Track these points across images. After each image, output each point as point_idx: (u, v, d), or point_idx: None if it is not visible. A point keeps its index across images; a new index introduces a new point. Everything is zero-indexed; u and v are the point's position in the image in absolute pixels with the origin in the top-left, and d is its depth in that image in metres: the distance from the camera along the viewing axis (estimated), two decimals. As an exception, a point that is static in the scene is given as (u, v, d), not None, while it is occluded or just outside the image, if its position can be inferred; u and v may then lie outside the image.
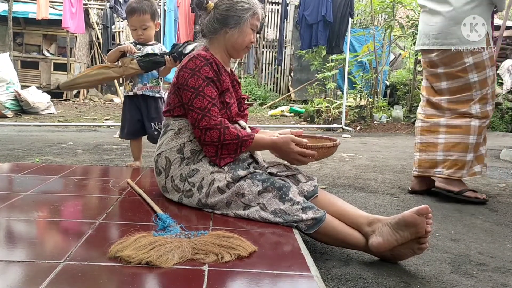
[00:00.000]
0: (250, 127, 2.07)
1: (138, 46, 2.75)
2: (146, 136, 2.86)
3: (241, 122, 1.95)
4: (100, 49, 11.35)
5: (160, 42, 2.96)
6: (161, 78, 2.83)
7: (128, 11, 2.69)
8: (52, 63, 10.68)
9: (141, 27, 2.69)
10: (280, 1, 9.33)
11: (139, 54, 2.69)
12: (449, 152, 2.73)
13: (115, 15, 8.33)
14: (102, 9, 9.89)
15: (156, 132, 2.77)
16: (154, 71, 2.75)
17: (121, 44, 2.74)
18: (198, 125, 1.77)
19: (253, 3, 1.89)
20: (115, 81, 11.00)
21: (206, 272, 1.22)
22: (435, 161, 2.77)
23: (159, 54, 2.69)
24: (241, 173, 1.75)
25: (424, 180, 2.89)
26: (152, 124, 2.77)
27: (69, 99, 10.48)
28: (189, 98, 1.79)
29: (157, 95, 2.79)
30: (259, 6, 1.92)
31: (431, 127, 2.81)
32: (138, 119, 2.80)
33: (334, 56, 8.57)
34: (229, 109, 1.87)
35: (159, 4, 7.25)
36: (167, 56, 2.66)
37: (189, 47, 2.61)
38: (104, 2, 8.53)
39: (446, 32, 2.69)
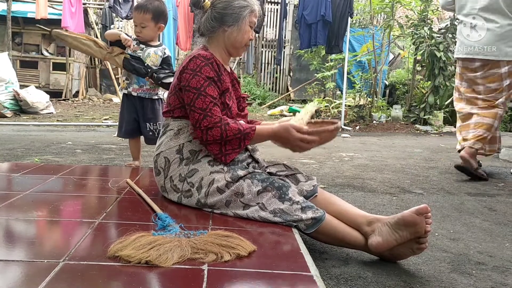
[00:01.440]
0: (251, 121, 2.06)
1: (142, 46, 2.72)
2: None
3: (241, 122, 1.94)
4: (99, 49, 11.31)
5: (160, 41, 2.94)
6: None
7: (135, 6, 2.73)
8: (51, 63, 10.66)
9: (140, 24, 2.67)
10: (279, 1, 9.32)
11: (131, 54, 2.68)
12: (477, 130, 3.40)
13: (114, 14, 8.32)
14: (101, 9, 9.87)
15: (151, 133, 2.75)
16: None
17: (129, 35, 2.72)
18: (199, 125, 1.75)
19: (251, 0, 1.88)
20: (114, 81, 11.01)
21: (205, 272, 1.22)
22: (467, 137, 3.45)
23: (146, 65, 2.66)
24: (241, 173, 1.75)
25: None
26: (148, 124, 2.75)
27: (68, 99, 10.47)
28: (191, 99, 1.78)
29: (155, 97, 2.77)
30: (256, 3, 1.91)
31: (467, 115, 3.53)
32: (135, 118, 2.78)
33: (333, 56, 8.57)
34: (229, 110, 1.86)
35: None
36: (149, 75, 2.65)
37: (170, 80, 2.60)
38: (103, 1, 8.51)
39: (492, 45, 3.33)
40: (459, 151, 3.48)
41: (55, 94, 10.26)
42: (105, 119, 7.28)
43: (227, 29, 1.87)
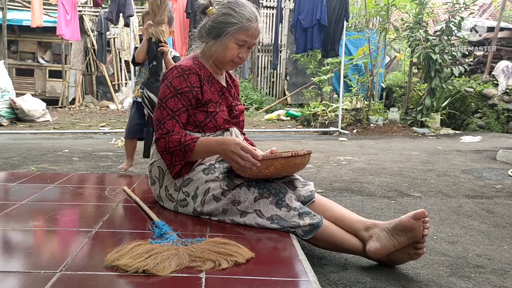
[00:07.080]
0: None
1: None
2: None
3: (234, 129, 1.92)
4: (95, 56, 11.34)
5: None
6: None
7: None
8: (47, 70, 10.67)
9: None
10: (275, 5, 9.35)
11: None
12: None
13: (109, 22, 8.29)
14: (96, 16, 9.88)
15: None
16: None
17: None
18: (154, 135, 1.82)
19: (243, 18, 1.77)
20: (111, 87, 11.00)
21: (203, 280, 1.21)
22: None
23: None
24: (236, 181, 1.74)
25: None
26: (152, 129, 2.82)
27: (65, 106, 10.46)
28: (156, 108, 1.83)
29: None
30: (253, 20, 1.79)
31: None
32: (138, 123, 2.91)
33: (329, 60, 8.59)
34: (214, 118, 1.83)
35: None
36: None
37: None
38: (99, 8, 8.51)
39: None
40: None
41: (52, 102, 10.26)
42: (102, 126, 7.27)
43: (210, 41, 1.85)
